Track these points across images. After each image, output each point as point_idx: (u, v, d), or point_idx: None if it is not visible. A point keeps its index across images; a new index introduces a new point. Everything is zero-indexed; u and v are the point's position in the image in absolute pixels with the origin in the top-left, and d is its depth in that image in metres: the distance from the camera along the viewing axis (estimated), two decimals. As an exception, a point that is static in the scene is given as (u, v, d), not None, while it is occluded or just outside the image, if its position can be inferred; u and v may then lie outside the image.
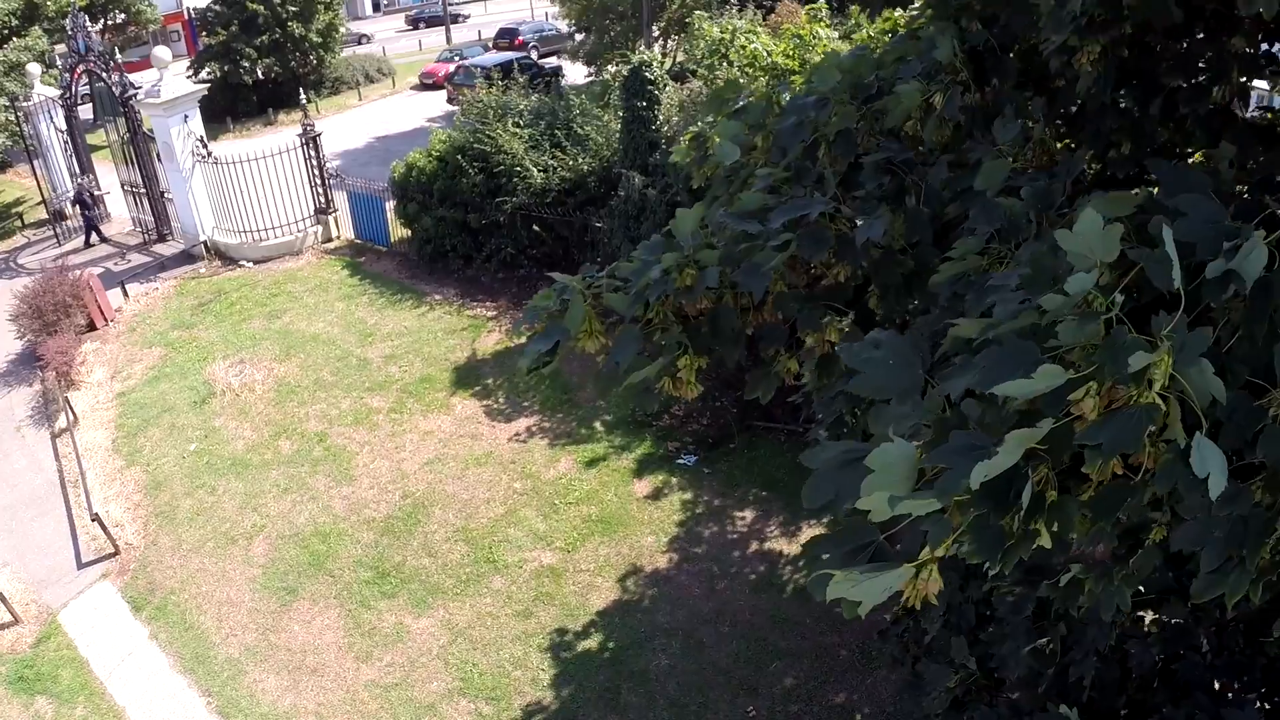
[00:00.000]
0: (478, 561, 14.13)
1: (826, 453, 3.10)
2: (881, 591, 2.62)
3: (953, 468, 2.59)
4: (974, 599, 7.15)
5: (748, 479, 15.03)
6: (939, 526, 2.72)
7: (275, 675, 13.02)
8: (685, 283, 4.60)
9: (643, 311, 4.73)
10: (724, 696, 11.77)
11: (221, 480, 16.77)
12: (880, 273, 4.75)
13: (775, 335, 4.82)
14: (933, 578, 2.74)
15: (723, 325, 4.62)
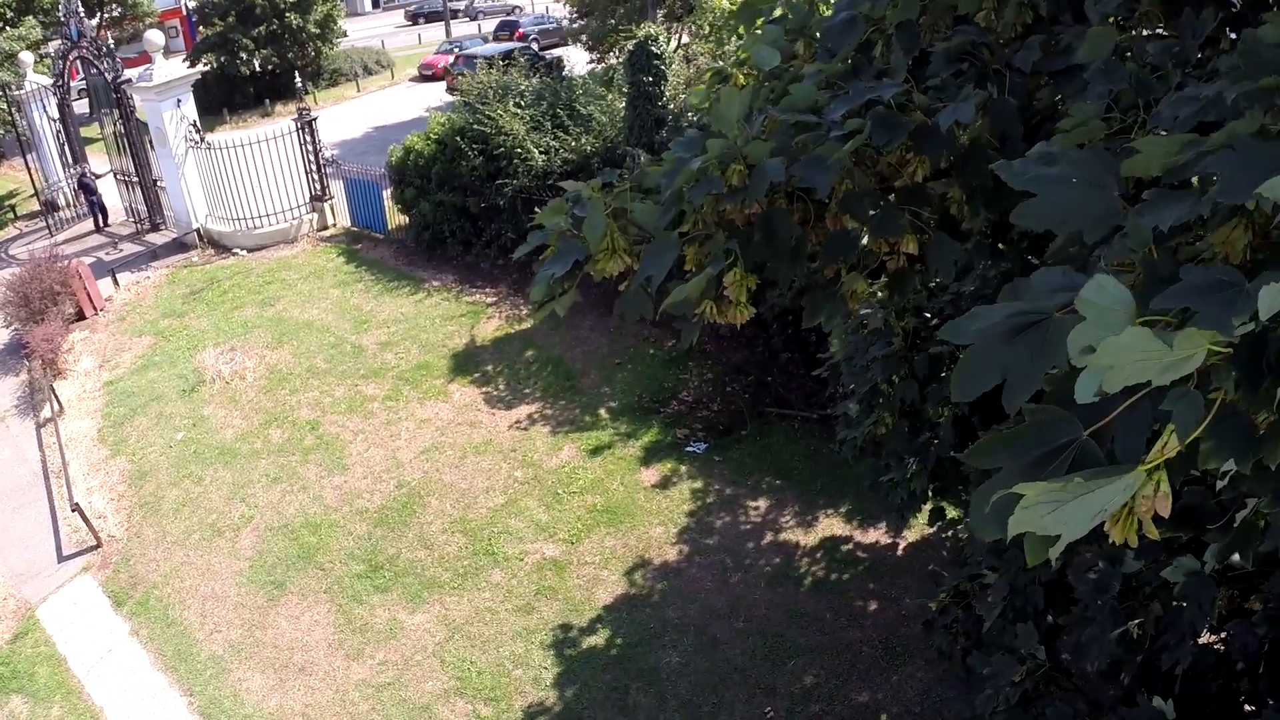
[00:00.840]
0: (476, 554, 13.20)
1: (984, 319, 2.17)
2: (1092, 515, 1.69)
3: (1199, 312, 1.66)
4: (1041, 580, 6.25)
5: (760, 467, 14.10)
6: (1187, 405, 1.78)
7: (261, 674, 12.09)
8: (732, 181, 3.67)
9: (677, 220, 3.81)
10: (740, 696, 10.84)
11: (209, 470, 15.85)
12: (968, 168, 3.83)
13: (842, 245, 3.88)
14: (1162, 489, 1.79)
15: (779, 233, 3.69)
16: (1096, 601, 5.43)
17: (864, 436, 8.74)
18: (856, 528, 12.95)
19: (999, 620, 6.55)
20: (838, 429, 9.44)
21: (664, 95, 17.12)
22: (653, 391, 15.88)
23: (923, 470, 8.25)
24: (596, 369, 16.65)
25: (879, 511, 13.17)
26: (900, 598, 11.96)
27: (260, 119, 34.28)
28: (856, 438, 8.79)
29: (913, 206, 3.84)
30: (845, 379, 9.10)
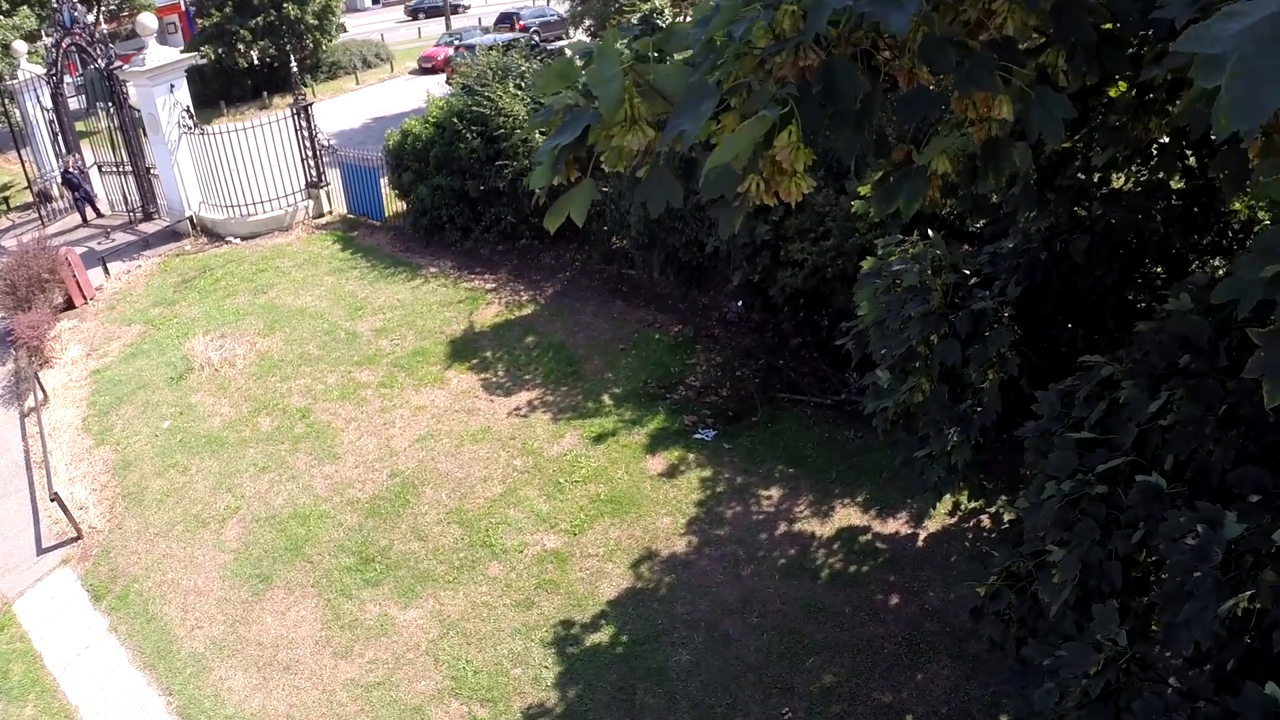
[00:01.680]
0: (473, 546, 12.34)
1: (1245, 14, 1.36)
2: None
3: None
4: (1120, 553, 5.39)
5: (772, 455, 13.24)
6: None
7: (243, 672, 11.24)
8: (784, 25, 2.82)
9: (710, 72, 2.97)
10: (755, 696, 9.97)
11: (195, 459, 15.00)
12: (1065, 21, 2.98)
13: (921, 103, 3.00)
14: None
15: (842, 88, 2.82)
16: (1194, 573, 4.57)
17: (897, 407, 7.87)
18: (875, 517, 12.08)
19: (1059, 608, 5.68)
20: (865, 401, 8.56)
21: (670, 71, 16.25)
22: (658, 377, 15.02)
23: (964, 441, 7.38)
24: (599, 355, 15.79)
25: (898, 500, 12.33)
26: (923, 591, 11.10)
27: (258, 112, 33.44)
28: (888, 408, 7.92)
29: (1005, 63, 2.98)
30: (874, 345, 8.23)
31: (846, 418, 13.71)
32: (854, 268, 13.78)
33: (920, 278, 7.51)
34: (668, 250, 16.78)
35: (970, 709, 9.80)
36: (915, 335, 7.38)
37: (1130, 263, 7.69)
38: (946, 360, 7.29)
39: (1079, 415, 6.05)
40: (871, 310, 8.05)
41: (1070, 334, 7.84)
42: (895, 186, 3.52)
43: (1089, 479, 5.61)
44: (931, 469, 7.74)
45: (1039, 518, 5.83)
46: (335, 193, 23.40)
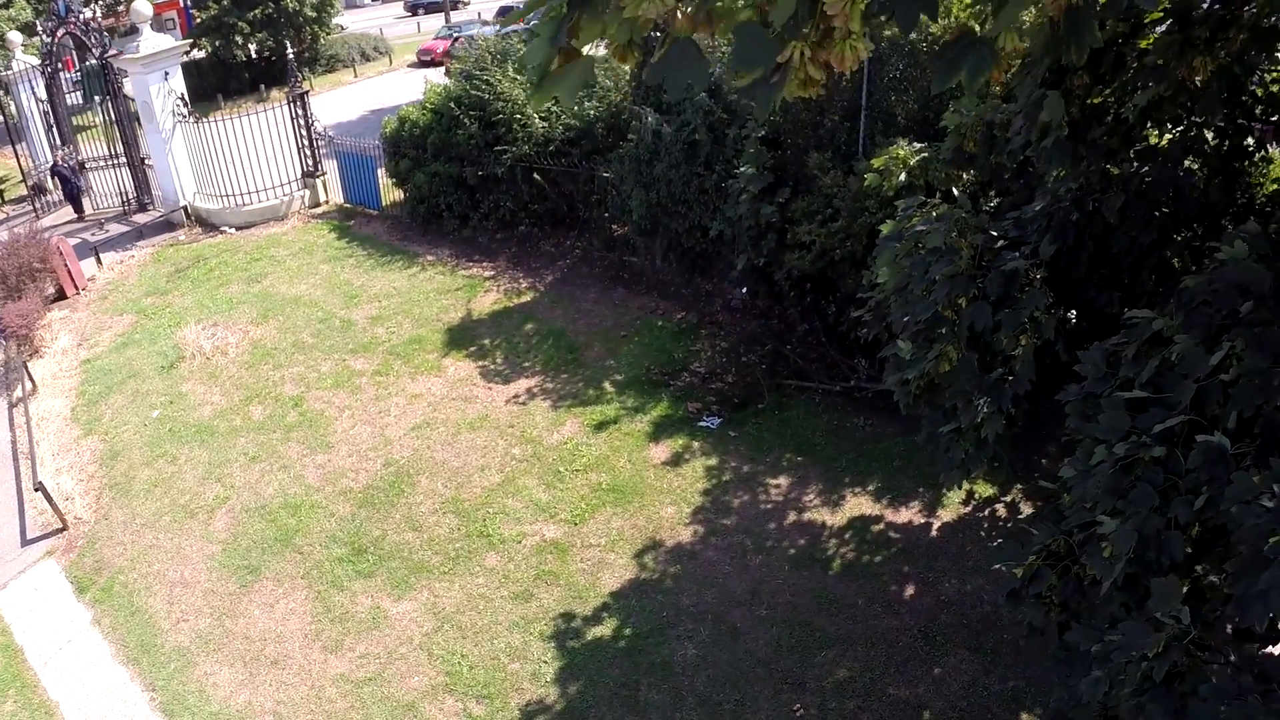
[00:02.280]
0: (469, 536, 11.76)
1: None
2: None
3: None
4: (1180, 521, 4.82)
5: (780, 443, 12.66)
6: None
7: (229, 667, 10.66)
8: None
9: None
10: (764, 692, 9.40)
11: (184, 448, 14.41)
12: None
13: None
14: None
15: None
16: (1271, 537, 4.01)
17: (920, 378, 7.29)
18: (887, 506, 11.51)
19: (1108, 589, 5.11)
20: (886, 374, 7.99)
21: (673, 52, 15.67)
22: (661, 364, 14.44)
23: (995, 413, 6.80)
24: (600, 342, 15.21)
25: (911, 489, 11.76)
26: (938, 582, 10.53)
27: (255, 105, 32.87)
28: (911, 380, 7.34)
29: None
30: (895, 313, 7.65)
31: (856, 405, 13.13)
32: (863, 250, 13.23)
33: (946, 239, 6.94)
34: (670, 236, 16.21)
35: (990, 704, 9.24)
36: (941, 299, 6.81)
37: (1169, 222, 7.13)
38: (976, 324, 6.72)
39: (1127, 375, 5.49)
40: (892, 276, 7.48)
41: (1106, 297, 7.27)
42: (958, 58, 2.91)
43: (1143, 441, 5.04)
44: (958, 445, 7.16)
45: (1088, 486, 5.26)
46: (332, 183, 22.80)
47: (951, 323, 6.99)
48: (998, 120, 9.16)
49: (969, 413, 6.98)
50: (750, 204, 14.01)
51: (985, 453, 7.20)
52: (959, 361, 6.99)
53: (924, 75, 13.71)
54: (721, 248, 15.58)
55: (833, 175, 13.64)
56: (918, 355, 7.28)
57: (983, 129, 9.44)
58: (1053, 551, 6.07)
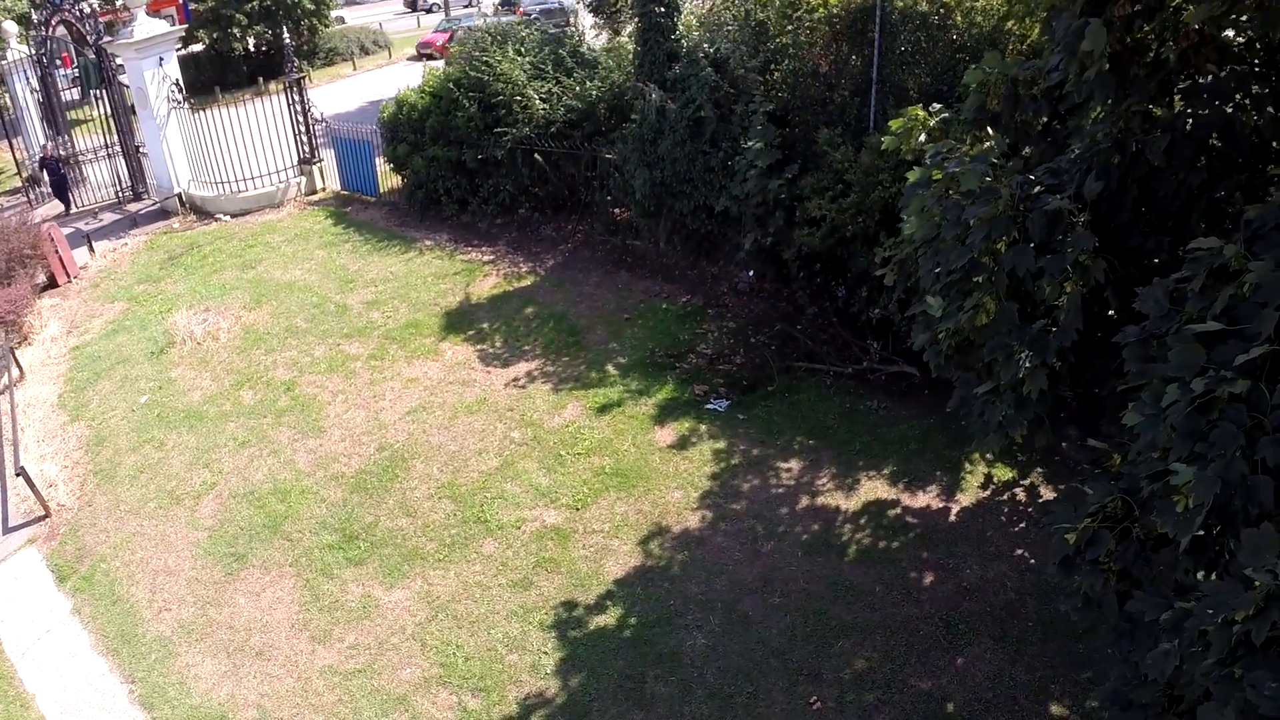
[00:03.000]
0: (466, 522, 11.08)
1: None
2: None
3: None
4: (1271, 463, 4.15)
5: (791, 426, 11.99)
6: None
7: (212, 658, 9.98)
8: None
9: None
10: (779, 684, 8.72)
11: (172, 434, 13.73)
12: None
13: None
14: None
15: None
16: None
17: (952, 336, 6.59)
18: (903, 490, 10.84)
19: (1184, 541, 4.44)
20: (913, 334, 7.30)
21: (677, 28, 15.04)
22: (667, 346, 13.76)
23: (1038, 367, 6.12)
24: (603, 325, 14.54)
25: (928, 472, 11.10)
26: (959, 568, 9.86)
27: (253, 97, 32.13)
28: (941, 338, 6.65)
29: None
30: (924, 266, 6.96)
31: (869, 387, 12.46)
32: (875, 226, 12.57)
33: (981, 180, 6.25)
34: (674, 218, 15.54)
35: (1017, 695, 8.58)
36: (979, 243, 6.12)
37: (1218, 163, 6.45)
38: (1018, 269, 6.03)
39: (1194, 310, 4.83)
40: (920, 225, 6.79)
41: (1154, 242, 6.58)
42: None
43: (1223, 375, 4.37)
44: (995, 406, 6.47)
45: (1158, 431, 4.58)
46: (329, 170, 22.13)
47: (989, 270, 6.31)
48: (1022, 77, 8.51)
49: (1009, 369, 6.29)
50: (758, 180, 13.35)
51: (1026, 413, 6.50)
52: (998, 312, 6.31)
53: (936, 47, 13.07)
54: (728, 228, 14.92)
55: (843, 151, 12.99)
56: (950, 310, 6.59)
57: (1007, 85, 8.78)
58: (1109, 514, 5.39)
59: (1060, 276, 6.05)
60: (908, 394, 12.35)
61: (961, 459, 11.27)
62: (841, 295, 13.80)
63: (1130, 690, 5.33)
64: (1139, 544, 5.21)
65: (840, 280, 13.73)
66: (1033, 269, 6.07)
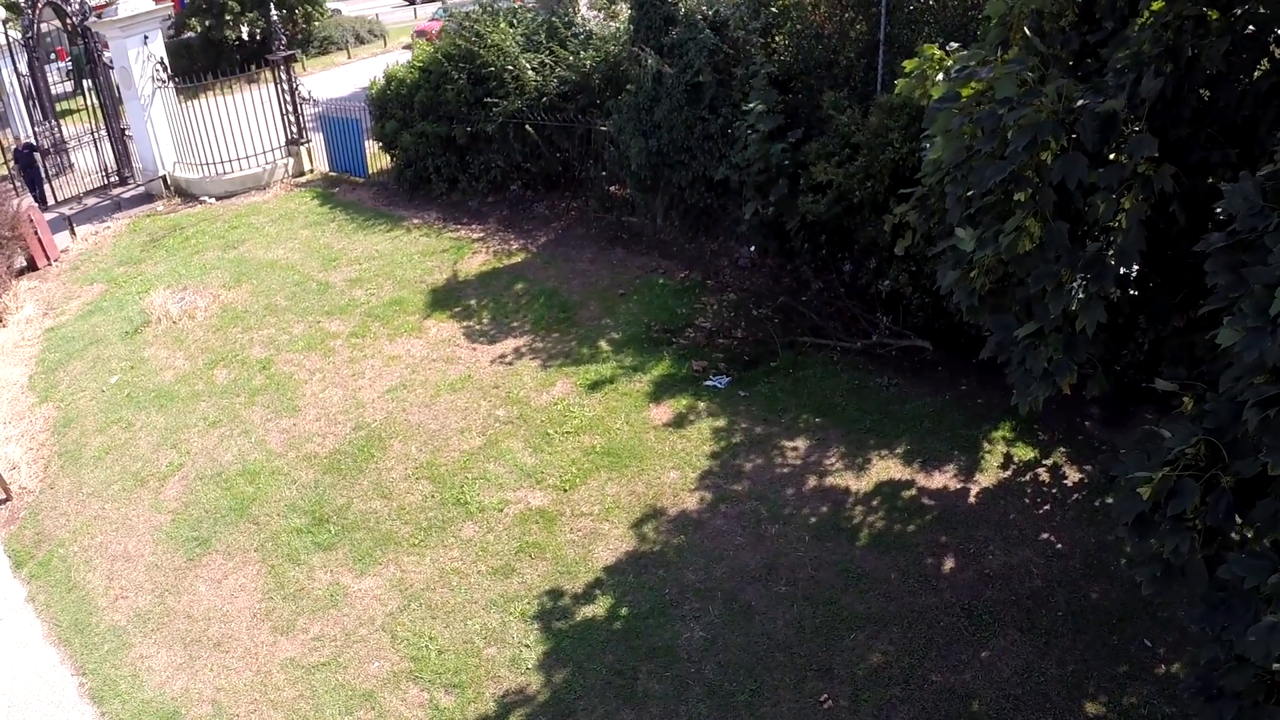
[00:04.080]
0: (444, 504, 10.07)
1: None
2: None
3: None
4: None
5: (795, 403, 10.97)
6: None
7: (168, 649, 8.99)
8: None
9: None
10: (785, 680, 7.71)
11: (141, 414, 12.72)
12: None
13: None
14: None
15: None
16: None
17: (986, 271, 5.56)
18: (918, 470, 9.83)
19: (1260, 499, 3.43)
20: (939, 274, 6.26)
21: (675, -9, 14.04)
22: (663, 320, 12.74)
23: (1094, 298, 5.08)
24: (596, 301, 13.52)
25: (943, 451, 10.07)
26: (981, 554, 8.85)
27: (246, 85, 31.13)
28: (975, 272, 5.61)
29: None
30: (952, 194, 5.91)
31: (878, 363, 11.45)
32: (885, 192, 11.53)
33: (1020, 83, 5.21)
34: (672, 191, 14.52)
35: (1048, 691, 7.58)
36: (1020, 153, 5.07)
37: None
38: (1068, 180, 4.99)
39: None
40: (948, 145, 5.74)
41: (1219, 156, 5.55)
42: None
43: None
44: (1040, 351, 5.42)
45: (1266, 346, 3.57)
46: (318, 152, 21.11)
47: (1033, 185, 5.26)
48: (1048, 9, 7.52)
49: (1058, 301, 5.25)
50: (759, 145, 12.33)
51: (1078, 355, 5.47)
52: (1044, 235, 5.27)
53: (948, 4, 12.07)
54: (727, 201, 13.90)
55: (850, 114, 11.98)
56: (985, 238, 5.54)
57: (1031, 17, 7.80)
58: (1189, 463, 4.37)
59: (1118, 188, 5.02)
60: (920, 370, 11.34)
61: (979, 437, 10.27)
62: (848, 269, 12.80)
63: (1221, 675, 4.32)
64: (1231, 495, 4.20)
65: (846, 253, 12.73)
66: (1085, 181, 5.04)
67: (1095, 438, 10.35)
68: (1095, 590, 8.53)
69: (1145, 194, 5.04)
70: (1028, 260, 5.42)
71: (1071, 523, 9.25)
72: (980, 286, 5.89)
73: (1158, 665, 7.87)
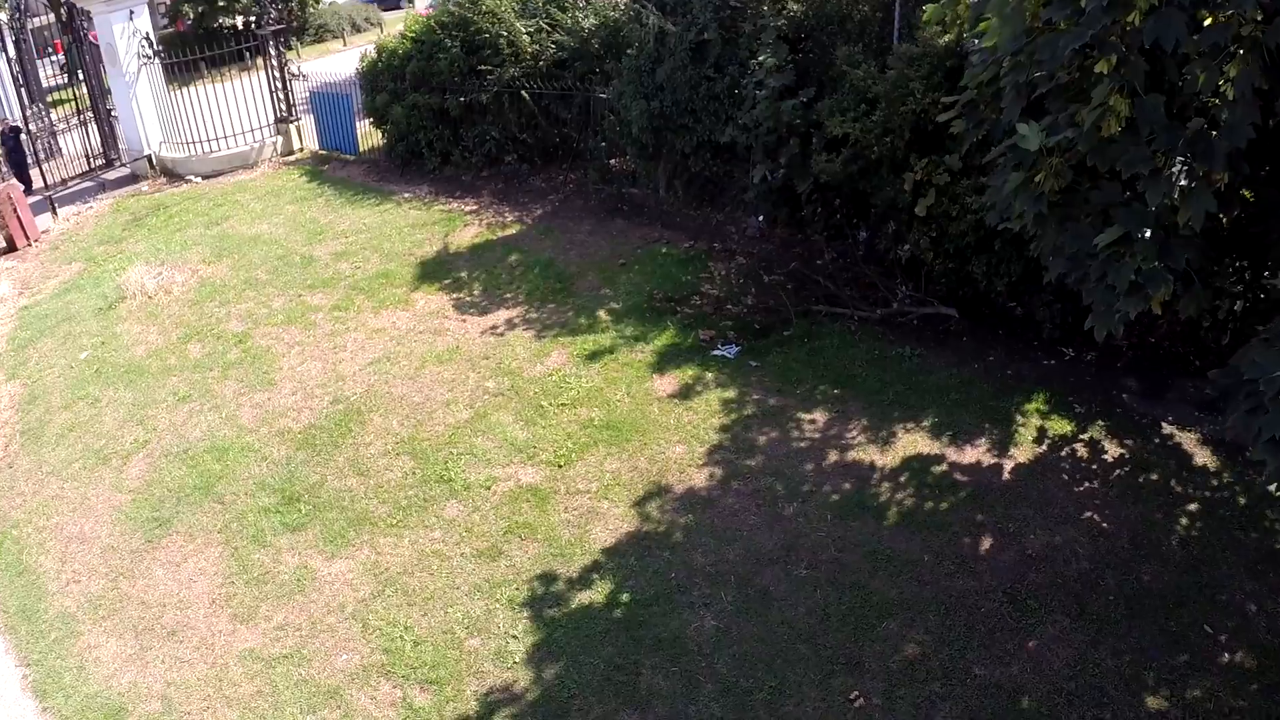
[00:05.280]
0: (426, 481, 8.95)
1: None
2: None
3: None
4: None
5: (812, 374, 9.87)
6: None
7: (118, 639, 7.88)
8: None
9: None
10: (809, 675, 6.60)
11: (109, 390, 11.61)
12: None
13: None
14: None
15: None
16: None
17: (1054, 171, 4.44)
18: (948, 444, 8.74)
19: None
20: (994, 181, 5.13)
21: (679, -54, 12.95)
22: (667, 289, 11.63)
23: (1201, 184, 3.98)
24: (595, 271, 12.42)
25: (974, 425, 8.97)
26: (1021, 533, 7.77)
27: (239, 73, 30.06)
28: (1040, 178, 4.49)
29: None
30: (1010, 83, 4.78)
31: (899, 333, 10.37)
32: (905, 149, 10.49)
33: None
34: (675, 159, 13.44)
35: (1104, 685, 6.51)
36: (1100, 13, 3.95)
37: None
38: (1164, 41, 3.88)
39: None
40: (1006, 28, 4.60)
41: None
42: None
43: None
44: (1127, 260, 4.31)
45: None
46: (308, 131, 20.01)
47: (1118, 52, 4.15)
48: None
49: (1157, 190, 4.14)
50: (769, 103, 11.24)
51: (1174, 261, 4.36)
52: (1135, 111, 4.15)
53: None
54: (734, 168, 12.83)
55: (865, 68, 10.89)
56: (1058, 124, 4.42)
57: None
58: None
59: (1221, 55, 3.93)
60: (943, 340, 10.26)
61: (1011, 409, 9.19)
62: (864, 237, 11.72)
63: None
64: None
65: (862, 220, 11.65)
66: (1183, 42, 3.94)
67: (1134, 411, 9.28)
68: (1146, 572, 7.46)
69: (1257, 58, 3.95)
70: (1113, 148, 4.30)
71: (1116, 500, 8.18)
72: (1049, 190, 4.78)
73: (1220, 654, 6.81)
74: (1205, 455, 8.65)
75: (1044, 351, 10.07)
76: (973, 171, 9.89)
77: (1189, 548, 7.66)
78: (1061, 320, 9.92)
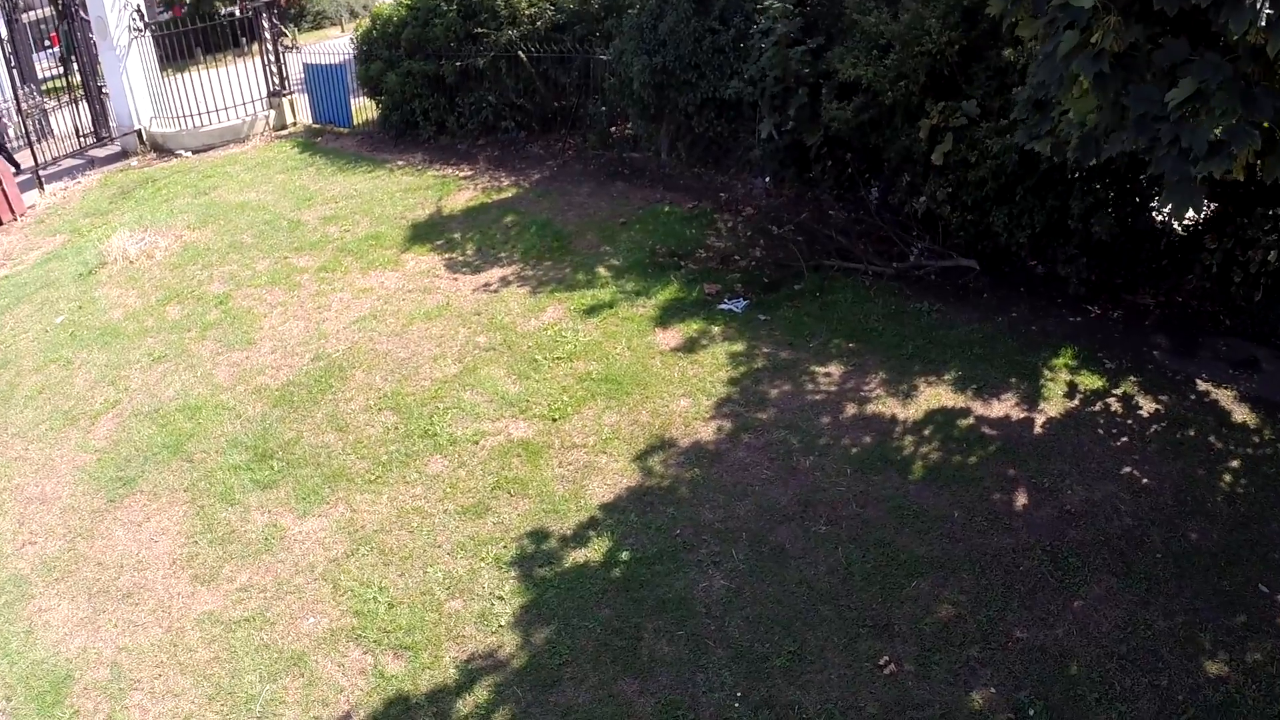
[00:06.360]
0: (409, 436, 8.09)
1: None
2: None
3: None
4: None
5: (825, 328, 9.02)
6: None
7: (70, 601, 7.03)
8: None
9: None
10: (833, 639, 5.75)
11: (82, 352, 10.77)
12: None
13: None
14: None
15: None
16: None
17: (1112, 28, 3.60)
18: (973, 398, 7.89)
19: None
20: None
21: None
22: (670, 245, 10.78)
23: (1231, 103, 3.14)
24: (594, 231, 11.57)
25: (999, 380, 8.12)
26: (1059, 488, 6.92)
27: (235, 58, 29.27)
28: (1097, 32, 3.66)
29: None
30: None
31: (917, 288, 9.53)
32: (921, 93, 9.67)
33: None
34: (678, 120, 12.61)
35: (1159, 648, 5.68)
36: None
37: None
38: None
39: None
40: None
41: None
42: None
43: None
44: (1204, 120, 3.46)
45: None
46: (301, 104, 19.17)
47: None
48: None
49: (1241, 16, 3.30)
50: (776, 52, 10.40)
51: (1261, 110, 3.51)
52: None
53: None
54: (739, 127, 11.99)
55: (877, 14, 10.04)
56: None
57: None
58: None
59: None
60: (963, 296, 9.42)
61: (1038, 364, 8.35)
62: (875, 194, 10.88)
63: None
64: None
65: (874, 176, 10.82)
66: None
67: (1167, 367, 8.46)
68: (1194, 529, 6.63)
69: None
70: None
71: (1155, 456, 7.36)
72: (1110, 47, 3.94)
73: (1277, 615, 5.98)
74: (1244, 412, 7.84)
75: (1069, 309, 9.26)
76: (993, 114, 9.10)
77: (1235, 504, 6.85)
78: (1087, 276, 9.16)
